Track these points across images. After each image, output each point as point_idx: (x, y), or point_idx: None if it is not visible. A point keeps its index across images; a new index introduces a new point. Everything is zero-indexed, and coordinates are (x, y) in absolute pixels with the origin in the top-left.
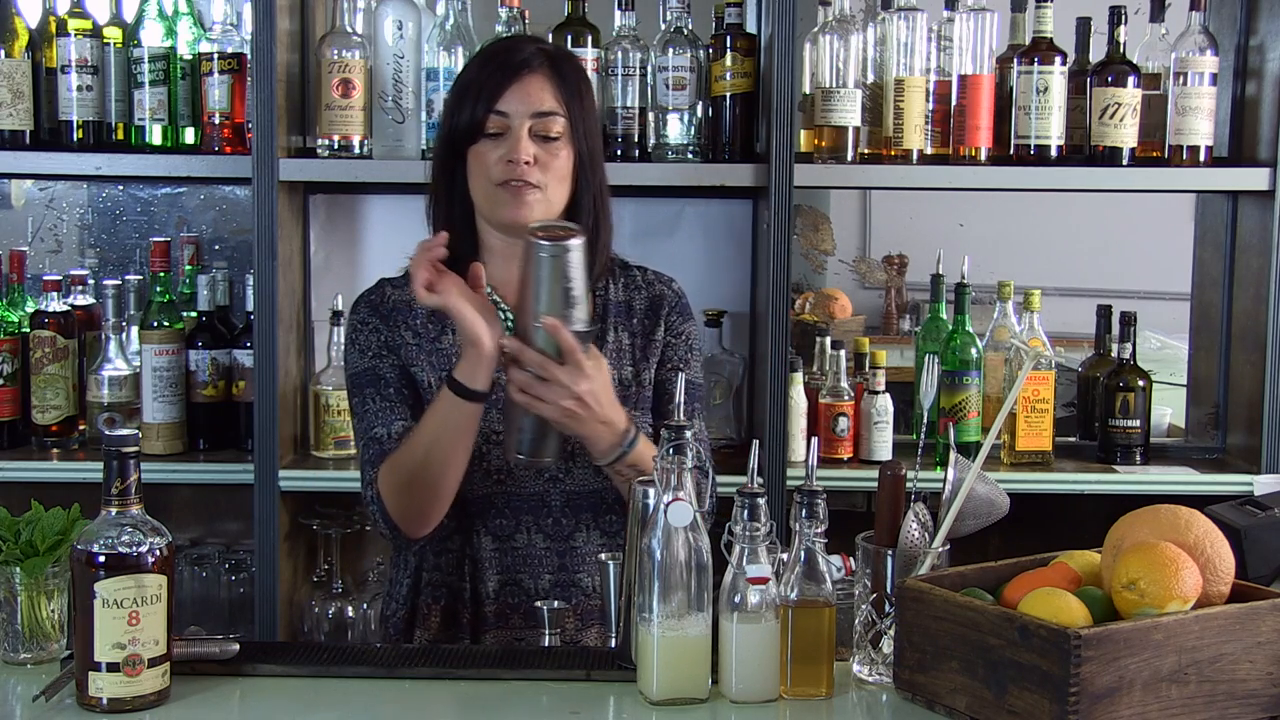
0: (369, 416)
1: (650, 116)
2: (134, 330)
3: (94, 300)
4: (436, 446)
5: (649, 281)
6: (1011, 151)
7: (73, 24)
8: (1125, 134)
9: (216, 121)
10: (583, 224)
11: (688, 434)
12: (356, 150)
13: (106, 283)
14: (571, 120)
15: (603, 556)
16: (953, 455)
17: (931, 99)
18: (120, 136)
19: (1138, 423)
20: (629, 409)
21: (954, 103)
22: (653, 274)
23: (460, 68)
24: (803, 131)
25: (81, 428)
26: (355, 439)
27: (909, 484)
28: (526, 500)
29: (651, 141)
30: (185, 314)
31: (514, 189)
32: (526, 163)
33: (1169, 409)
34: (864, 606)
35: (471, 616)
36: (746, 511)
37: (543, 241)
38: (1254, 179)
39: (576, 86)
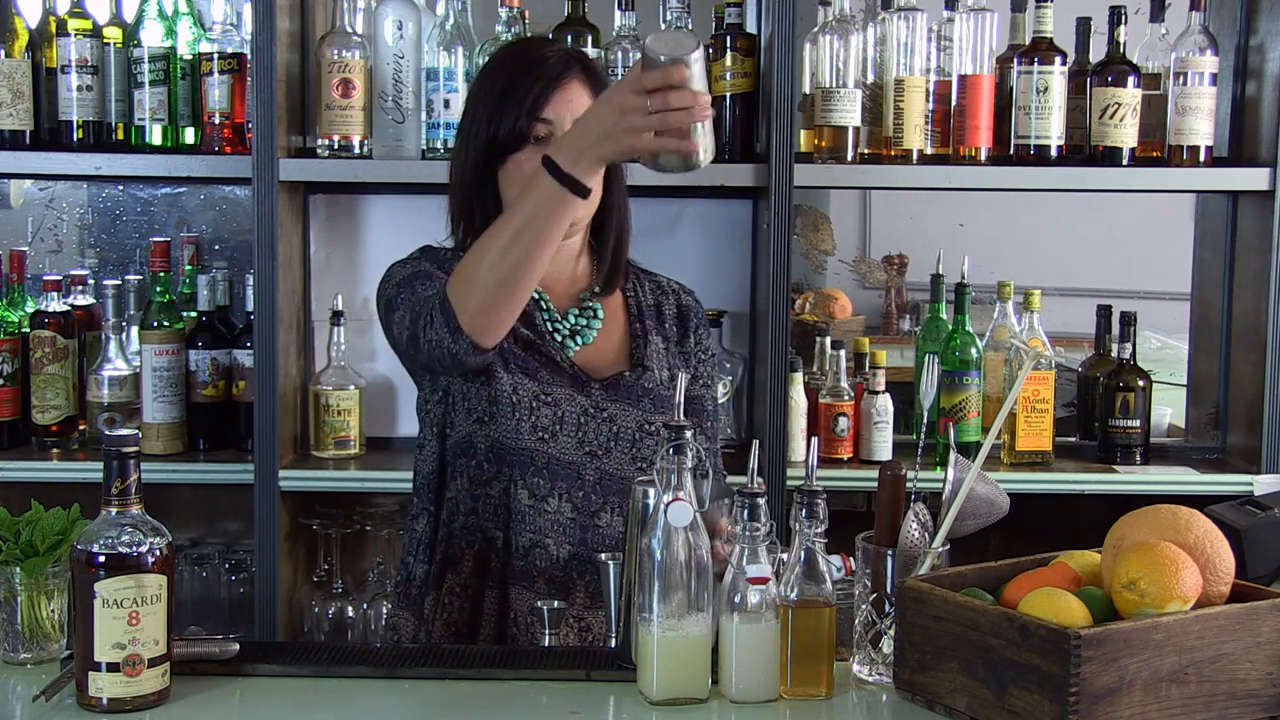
0: (416, 288)
1: None
2: (134, 330)
3: (94, 300)
4: (526, 233)
5: (674, 290)
6: (1011, 151)
7: (73, 24)
8: (1125, 134)
9: (216, 121)
10: (610, 227)
11: (687, 434)
12: (356, 150)
13: (106, 283)
14: None
15: (602, 557)
16: (953, 455)
17: (931, 99)
18: (120, 136)
19: (1138, 423)
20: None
21: (954, 103)
22: (676, 283)
23: (459, 67)
24: (803, 131)
25: (81, 428)
26: (395, 313)
27: (909, 484)
28: (563, 466)
29: None
30: (185, 314)
31: None
32: None
33: (1169, 409)
34: (864, 606)
35: (501, 566)
36: (746, 511)
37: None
38: (1254, 179)
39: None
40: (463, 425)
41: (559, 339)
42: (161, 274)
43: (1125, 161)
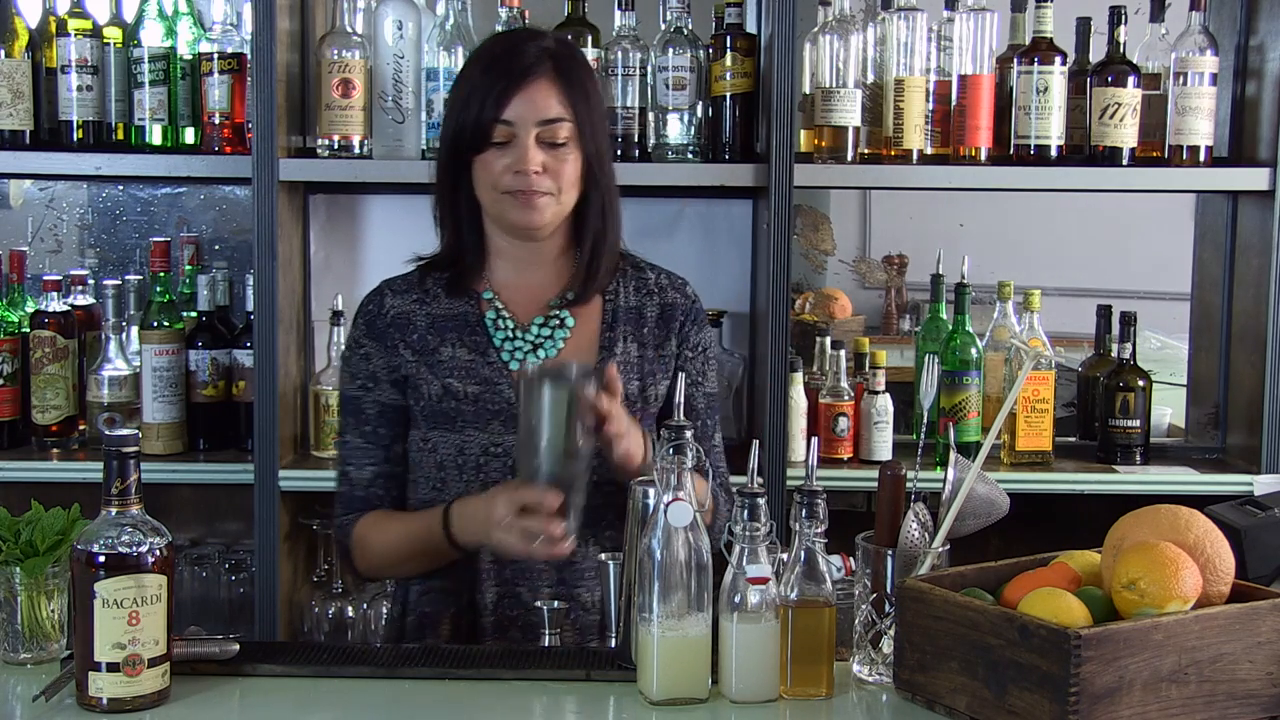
0: (345, 450)
1: (650, 116)
2: (134, 330)
3: (94, 300)
4: (416, 563)
5: (661, 287)
6: (1011, 151)
7: (73, 24)
8: (1125, 134)
9: (216, 121)
10: (591, 223)
11: (687, 434)
12: (356, 150)
13: (106, 283)
14: (579, 124)
15: (602, 556)
16: (953, 455)
17: (931, 99)
18: (120, 136)
19: (1138, 423)
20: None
21: (954, 103)
22: (665, 278)
23: (460, 67)
24: (803, 131)
25: (81, 428)
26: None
27: (909, 484)
28: None
29: (651, 141)
30: (185, 314)
31: (523, 196)
32: (535, 172)
33: (1169, 409)
34: (864, 606)
35: (469, 626)
36: (746, 511)
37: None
38: (1254, 179)
39: (583, 86)
40: (420, 492)
41: (518, 359)
42: (161, 274)
43: (1125, 161)
